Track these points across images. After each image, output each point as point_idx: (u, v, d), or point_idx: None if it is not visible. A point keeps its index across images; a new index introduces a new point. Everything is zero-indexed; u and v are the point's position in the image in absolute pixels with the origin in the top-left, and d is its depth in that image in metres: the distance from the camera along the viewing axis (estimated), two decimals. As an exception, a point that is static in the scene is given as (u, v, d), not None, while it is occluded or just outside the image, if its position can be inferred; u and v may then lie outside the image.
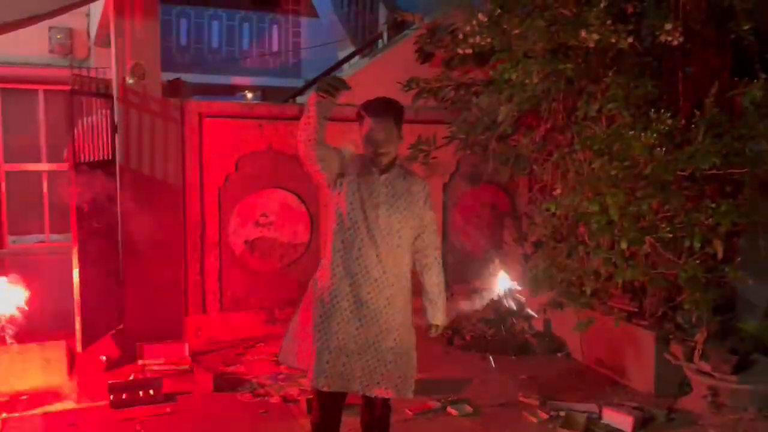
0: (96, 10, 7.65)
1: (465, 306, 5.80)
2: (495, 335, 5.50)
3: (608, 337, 4.83)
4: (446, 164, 6.04)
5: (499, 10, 4.13)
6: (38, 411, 4.16)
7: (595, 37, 3.56)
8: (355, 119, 2.88)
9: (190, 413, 4.19)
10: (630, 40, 3.60)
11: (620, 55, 3.88)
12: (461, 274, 6.13)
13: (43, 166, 9.43)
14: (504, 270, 5.84)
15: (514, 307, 5.69)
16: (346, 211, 2.84)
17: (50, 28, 8.83)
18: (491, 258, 6.10)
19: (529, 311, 5.62)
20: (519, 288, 5.69)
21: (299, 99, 6.66)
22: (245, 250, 5.50)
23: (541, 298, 5.07)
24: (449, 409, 4.28)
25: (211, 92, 10.14)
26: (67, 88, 4.96)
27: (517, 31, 3.97)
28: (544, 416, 4.19)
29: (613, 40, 3.57)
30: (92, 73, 5.20)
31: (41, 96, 9.46)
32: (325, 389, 2.87)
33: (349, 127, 3.13)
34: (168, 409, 4.20)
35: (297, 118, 2.64)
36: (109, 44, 5.67)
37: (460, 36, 4.51)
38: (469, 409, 4.29)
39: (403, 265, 2.93)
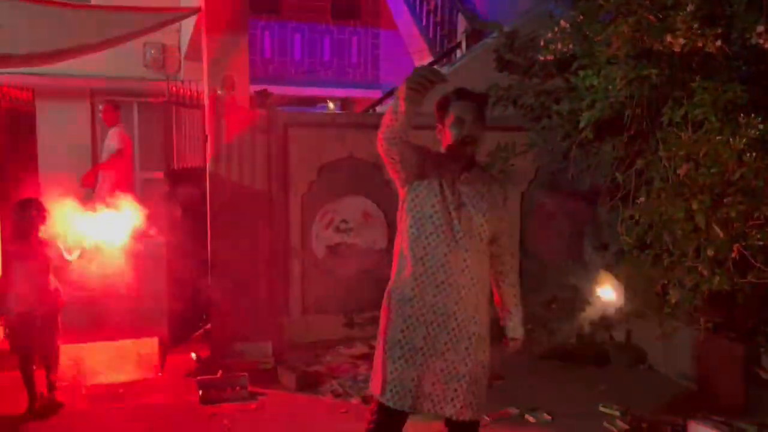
0: (187, 26, 8.06)
1: (544, 315, 5.75)
2: (574, 345, 5.43)
3: (693, 349, 4.69)
4: (525, 172, 6.02)
5: (581, 17, 4.11)
6: (133, 403, 4.42)
7: (681, 41, 3.49)
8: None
9: (274, 410, 4.35)
10: (718, 43, 3.51)
11: (708, 60, 3.79)
12: (540, 283, 6.09)
13: (137, 173, 9.98)
14: (584, 279, 5.76)
15: (595, 317, 5.60)
16: (429, 214, 2.63)
17: (145, 44, 9.40)
18: (571, 267, 6.03)
19: (611, 322, 5.52)
20: (600, 298, 5.60)
21: (378, 109, 6.81)
22: (326, 255, 5.66)
23: (623, 308, 4.98)
24: (527, 416, 4.28)
25: (294, 103, 10.49)
26: (160, 100, 5.27)
27: (600, 38, 3.94)
28: (625, 427, 4.12)
29: (700, 44, 3.49)
30: (184, 86, 5.50)
31: (135, 107, 10.04)
32: (404, 409, 2.63)
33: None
34: (253, 407, 4.38)
35: (377, 127, 2.63)
36: (199, 58, 5.98)
37: (541, 43, 4.51)
38: (547, 417, 4.27)
39: (486, 271, 2.75)
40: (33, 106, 6.29)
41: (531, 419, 4.24)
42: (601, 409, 4.38)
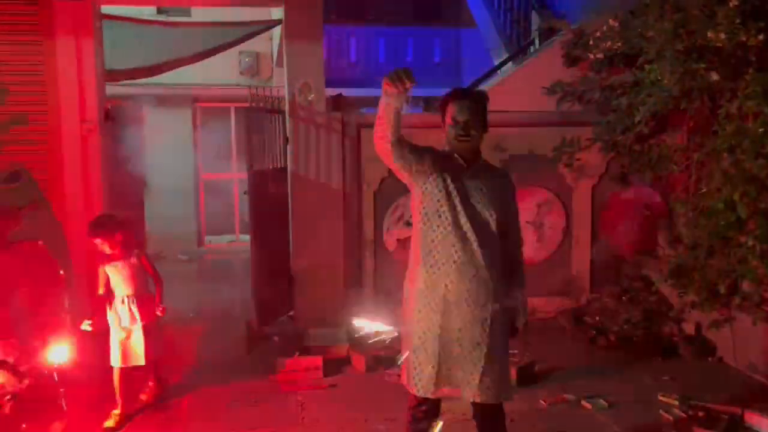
0: (277, 35, 8.64)
1: (613, 307, 5.81)
2: (642, 337, 5.47)
3: (764, 341, 4.65)
4: (594, 166, 6.10)
5: (630, 15, 4.22)
6: (219, 378, 4.93)
7: (722, 36, 3.54)
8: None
9: (345, 389, 4.73)
10: (761, 37, 3.53)
11: (762, 52, 3.80)
12: (610, 276, 6.15)
13: (234, 175, 10.73)
14: (653, 272, 5.78)
15: (665, 310, 5.61)
16: (435, 209, 2.78)
17: (240, 53, 10.10)
18: (642, 260, 6.05)
19: (680, 314, 5.51)
20: (671, 290, 5.60)
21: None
22: (397, 248, 5.99)
23: (693, 301, 4.99)
24: (584, 402, 4.41)
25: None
26: (252, 105, 5.79)
27: (650, 34, 4.04)
28: (682, 415, 4.18)
29: (744, 39, 3.53)
30: (272, 92, 5.99)
31: (232, 113, 10.78)
32: (427, 395, 2.83)
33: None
34: (326, 385, 4.78)
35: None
36: (283, 65, 6.47)
37: (591, 42, 4.63)
38: (604, 403, 4.39)
39: (497, 260, 2.85)
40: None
41: (587, 405, 4.38)
42: (660, 398, 4.44)
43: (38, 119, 5.43)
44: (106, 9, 5.83)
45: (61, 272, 4.60)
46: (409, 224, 6.02)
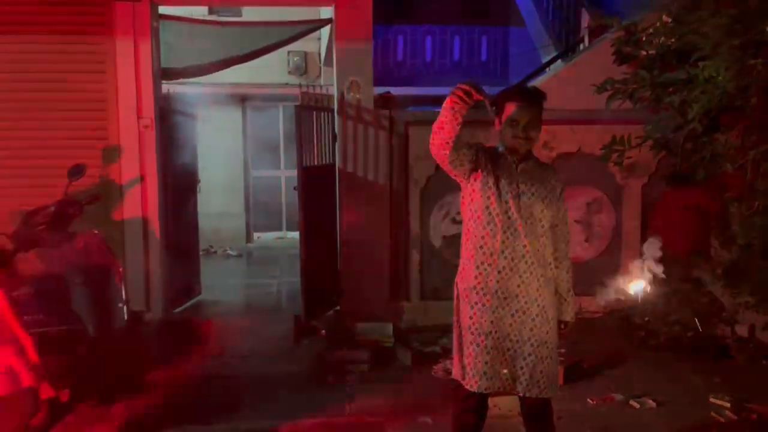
0: (325, 34, 8.75)
1: (663, 308, 5.73)
2: (692, 338, 5.38)
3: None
4: (645, 165, 6.02)
5: (683, 10, 4.15)
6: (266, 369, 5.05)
7: (777, 30, 3.47)
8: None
9: (391, 383, 4.79)
10: (819, 31, 3.44)
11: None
12: (662, 276, 6.05)
13: (281, 172, 10.91)
14: (705, 273, 5.67)
15: (717, 311, 5.50)
16: (485, 205, 2.82)
17: (289, 52, 10.25)
18: (693, 260, 5.94)
19: (733, 316, 5.41)
20: (723, 292, 5.50)
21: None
22: (442, 245, 6.02)
23: (747, 303, 4.90)
24: (631, 402, 4.37)
25: (425, 103, 10.92)
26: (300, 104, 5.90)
27: (705, 29, 3.97)
28: (733, 417, 4.11)
29: (802, 33, 3.45)
30: (320, 90, 6.09)
31: (280, 111, 10.97)
32: (480, 391, 2.86)
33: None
34: (373, 378, 4.85)
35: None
36: (332, 64, 6.57)
37: (642, 38, 4.57)
38: (651, 403, 4.34)
39: (548, 256, 2.89)
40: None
41: (635, 405, 4.34)
42: (711, 399, 4.37)
43: (97, 117, 5.65)
44: (162, 9, 6.01)
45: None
46: (455, 221, 6.04)
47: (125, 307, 4.91)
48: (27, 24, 5.51)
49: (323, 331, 5.73)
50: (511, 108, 2.81)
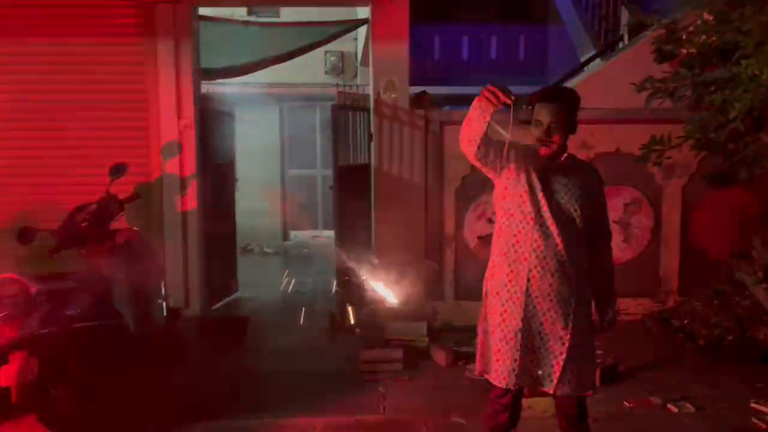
0: (362, 34, 8.79)
1: (703, 310, 5.61)
2: (733, 342, 5.26)
3: None
4: (685, 165, 5.90)
5: (726, 8, 4.06)
6: (302, 368, 5.10)
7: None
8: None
9: (426, 382, 4.79)
10: None
11: None
12: (700, 279, 5.94)
13: (318, 171, 11.01)
14: (747, 275, 5.53)
15: (758, 314, 5.37)
16: (517, 203, 2.81)
17: (326, 52, 10.33)
18: (735, 262, 5.80)
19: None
20: (764, 294, 5.36)
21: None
22: (477, 245, 6.01)
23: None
24: (669, 406, 4.30)
25: (461, 102, 10.89)
26: (336, 103, 5.96)
27: (748, 27, 3.88)
28: (776, 424, 4.02)
29: None
30: (356, 90, 6.13)
31: (317, 111, 11.06)
32: (509, 386, 2.86)
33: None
34: (406, 378, 4.86)
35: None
36: (368, 64, 6.60)
37: (683, 36, 4.48)
38: (690, 407, 4.26)
39: (582, 254, 2.86)
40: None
41: (673, 409, 4.27)
42: (753, 405, 4.28)
43: (138, 116, 5.78)
44: (201, 10, 6.12)
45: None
46: (491, 221, 6.02)
47: (164, 304, 5.03)
48: (69, 26, 5.68)
49: (358, 330, 5.76)
50: (537, 108, 2.82)
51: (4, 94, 5.65)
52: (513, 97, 2.61)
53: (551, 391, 2.88)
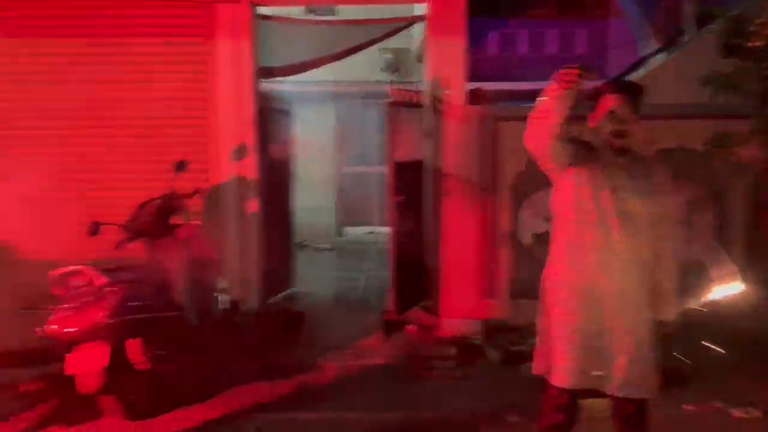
0: (417, 31, 8.78)
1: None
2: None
3: None
4: (752, 161, 5.69)
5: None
6: (358, 363, 5.16)
7: None
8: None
9: (480, 380, 4.79)
10: None
11: None
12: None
13: (372, 168, 11.07)
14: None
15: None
16: (578, 200, 2.76)
17: (381, 50, 10.36)
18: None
19: None
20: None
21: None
22: (533, 243, 5.93)
23: None
24: (733, 411, 4.18)
25: (518, 98, 10.76)
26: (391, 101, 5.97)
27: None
28: None
29: None
30: (411, 87, 6.14)
31: (372, 108, 11.10)
32: (569, 387, 2.82)
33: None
34: (459, 375, 4.86)
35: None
36: (425, 60, 6.59)
37: (750, 29, 4.32)
38: (755, 413, 4.13)
39: (645, 253, 2.78)
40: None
41: (736, 414, 4.14)
42: (823, 412, 4.11)
43: (200, 114, 5.93)
44: (260, 10, 6.22)
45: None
46: (546, 219, 5.93)
47: (223, 297, 5.18)
48: (133, 27, 5.85)
49: (411, 327, 5.78)
50: (608, 101, 2.77)
51: (71, 93, 5.87)
52: (582, 71, 2.58)
53: (611, 393, 2.83)
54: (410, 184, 6.02)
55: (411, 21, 7.18)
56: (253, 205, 6.05)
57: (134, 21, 5.87)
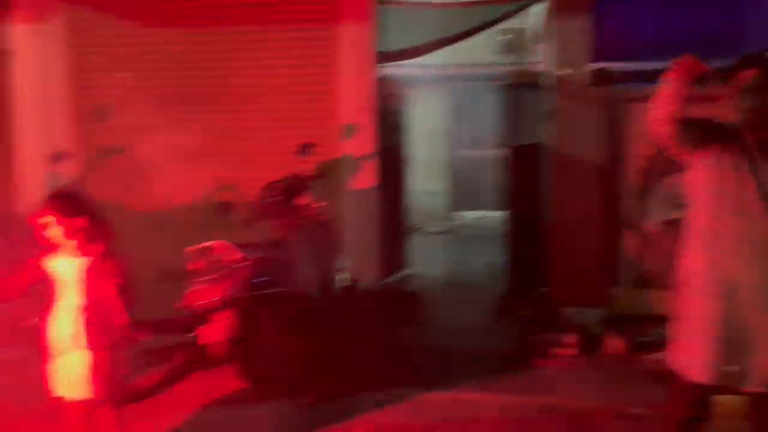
0: (536, 10, 8.54)
1: None
2: None
3: None
4: None
5: None
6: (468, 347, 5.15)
7: None
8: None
9: (600, 370, 4.70)
10: None
11: None
12: None
13: (485, 152, 10.95)
14: None
15: None
16: (716, 186, 2.63)
17: (498, 31, 10.15)
18: None
19: None
20: None
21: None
22: (661, 231, 5.66)
23: None
24: None
25: (645, 78, 10.20)
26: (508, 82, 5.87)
27: None
28: None
29: None
30: (530, 68, 6.01)
31: (487, 91, 10.95)
32: (705, 383, 2.69)
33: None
34: (580, 364, 4.75)
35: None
36: (545, 41, 6.42)
37: None
38: None
39: None
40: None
41: None
42: None
43: (323, 99, 6.08)
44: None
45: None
46: (676, 205, 5.64)
47: (342, 276, 5.32)
48: (258, 13, 6.06)
49: (527, 312, 5.70)
50: (748, 77, 2.61)
51: (201, 79, 6.18)
52: (708, 68, 2.52)
53: (750, 390, 2.67)
54: (528, 167, 5.91)
55: (532, 1, 7.00)
56: (371, 187, 6.15)
57: (260, 8, 6.08)
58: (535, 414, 3.99)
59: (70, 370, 3.12)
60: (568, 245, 5.74)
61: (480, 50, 9.99)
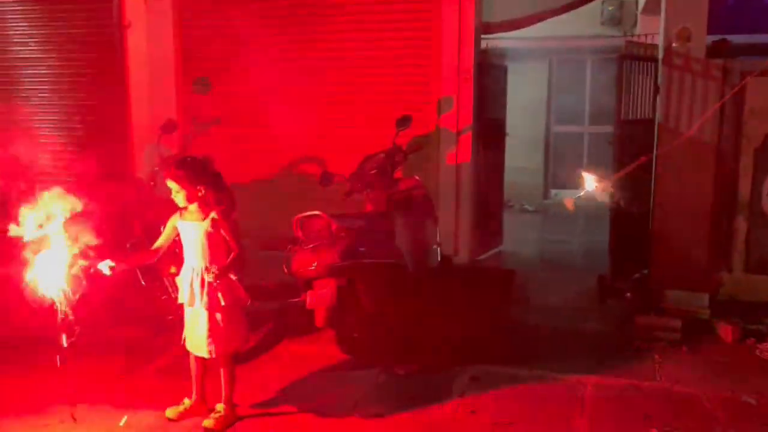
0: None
1: None
2: None
3: None
4: None
5: None
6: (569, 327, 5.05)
7: None
8: None
9: (707, 356, 4.46)
10: None
11: None
12: None
13: (584, 128, 10.62)
14: None
15: None
16: None
17: (603, 2, 9.77)
18: None
19: None
20: None
21: None
22: (780, 213, 5.33)
23: None
24: None
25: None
26: (612, 55, 5.62)
27: None
28: None
29: None
30: (639, 40, 5.73)
31: (588, 64, 10.58)
32: None
33: None
34: (685, 349, 4.55)
35: None
36: (654, 12, 6.11)
37: None
38: None
39: None
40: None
41: None
42: None
43: (422, 71, 6.06)
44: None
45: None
46: (797, 187, 5.28)
47: (438, 249, 5.32)
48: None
49: (628, 294, 5.51)
50: None
51: (305, 51, 6.29)
52: None
53: None
54: (636, 144, 5.67)
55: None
56: (467, 162, 6.10)
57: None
58: (639, 398, 3.86)
59: (192, 327, 3.40)
60: (672, 226, 5.50)
61: (584, 21, 9.62)
